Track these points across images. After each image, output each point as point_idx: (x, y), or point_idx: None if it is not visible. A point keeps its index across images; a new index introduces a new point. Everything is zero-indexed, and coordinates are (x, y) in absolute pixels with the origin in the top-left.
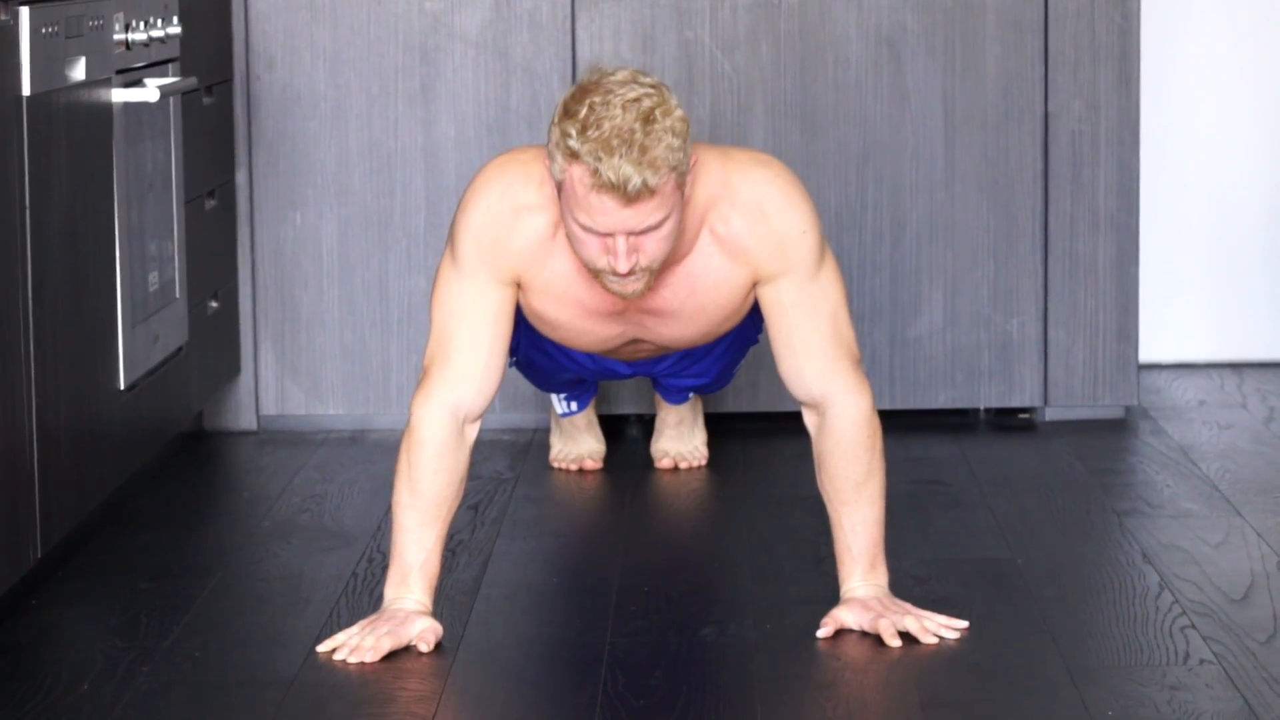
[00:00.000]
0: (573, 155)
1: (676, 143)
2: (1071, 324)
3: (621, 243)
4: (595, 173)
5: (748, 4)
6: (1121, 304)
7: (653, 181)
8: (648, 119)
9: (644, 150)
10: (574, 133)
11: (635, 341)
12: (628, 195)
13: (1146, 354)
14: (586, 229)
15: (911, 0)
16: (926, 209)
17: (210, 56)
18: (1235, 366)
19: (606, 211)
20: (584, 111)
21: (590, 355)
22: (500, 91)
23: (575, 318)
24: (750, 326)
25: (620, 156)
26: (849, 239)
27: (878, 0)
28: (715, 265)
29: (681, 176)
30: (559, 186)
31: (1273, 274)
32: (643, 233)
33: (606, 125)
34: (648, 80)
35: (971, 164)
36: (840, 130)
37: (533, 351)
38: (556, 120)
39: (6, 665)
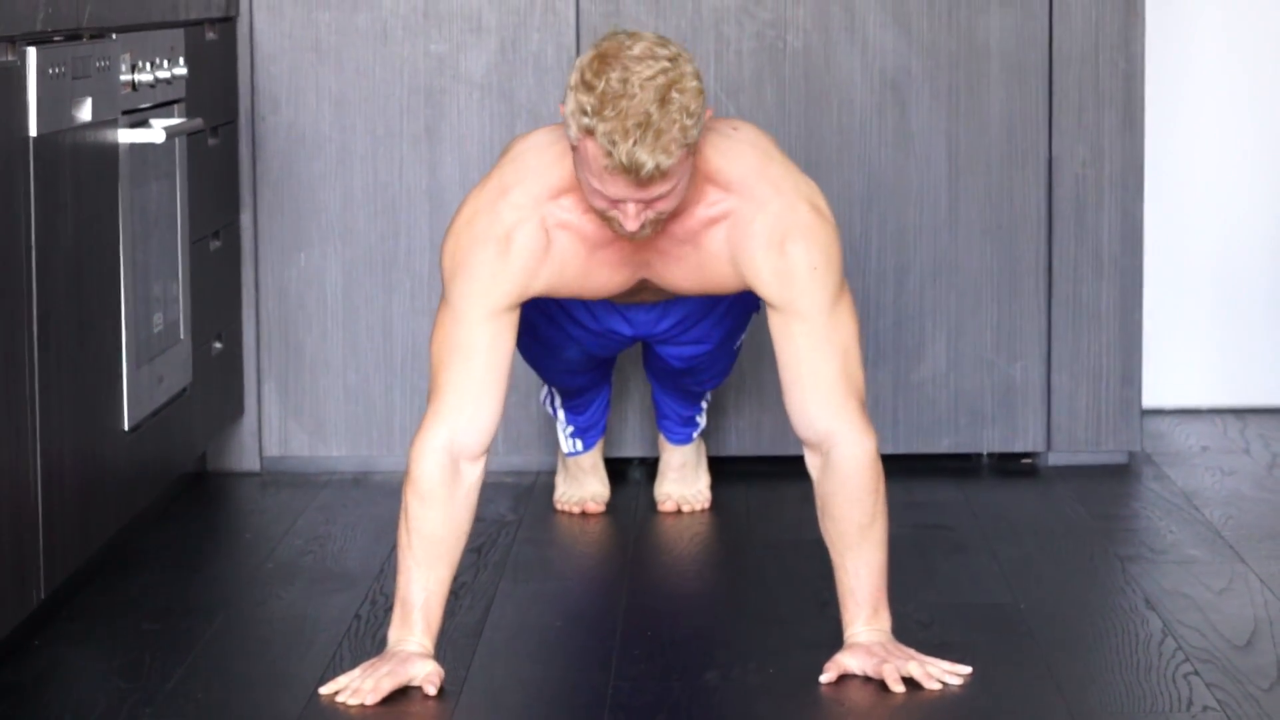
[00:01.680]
0: (588, 131)
1: (690, 121)
2: (1075, 368)
3: (632, 207)
4: (609, 154)
5: (752, 48)
6: (1125, 349)
7: (665, 165)
8: (664, 100)
9: (659, 134)
10: (590, 110)
11: (641, 282)
12: (640, 179)
13: (1150, 399)
14: (598, 192)
15: (916, 44)
16: (930, 252)
17: (216, 98)
18: (1238, 412)
19: (619, 186)
20: (601, 86)
21: (593, 313)
22: (505, 134)
23: (589, 279)
24: (751, 295)
25: (635, 142)
26: (853, 282)
27: (882, 44)
28: (722, 237)
29: (694, 143)
30: (574, 146)
31: (1276, 319)
32: (652, 201)
33: (623, 104)
34: (665, 53)
35: (975, 207)
36: (844, 173)
37: (534, 314)
38: (573, 86)
39: (10, 706)
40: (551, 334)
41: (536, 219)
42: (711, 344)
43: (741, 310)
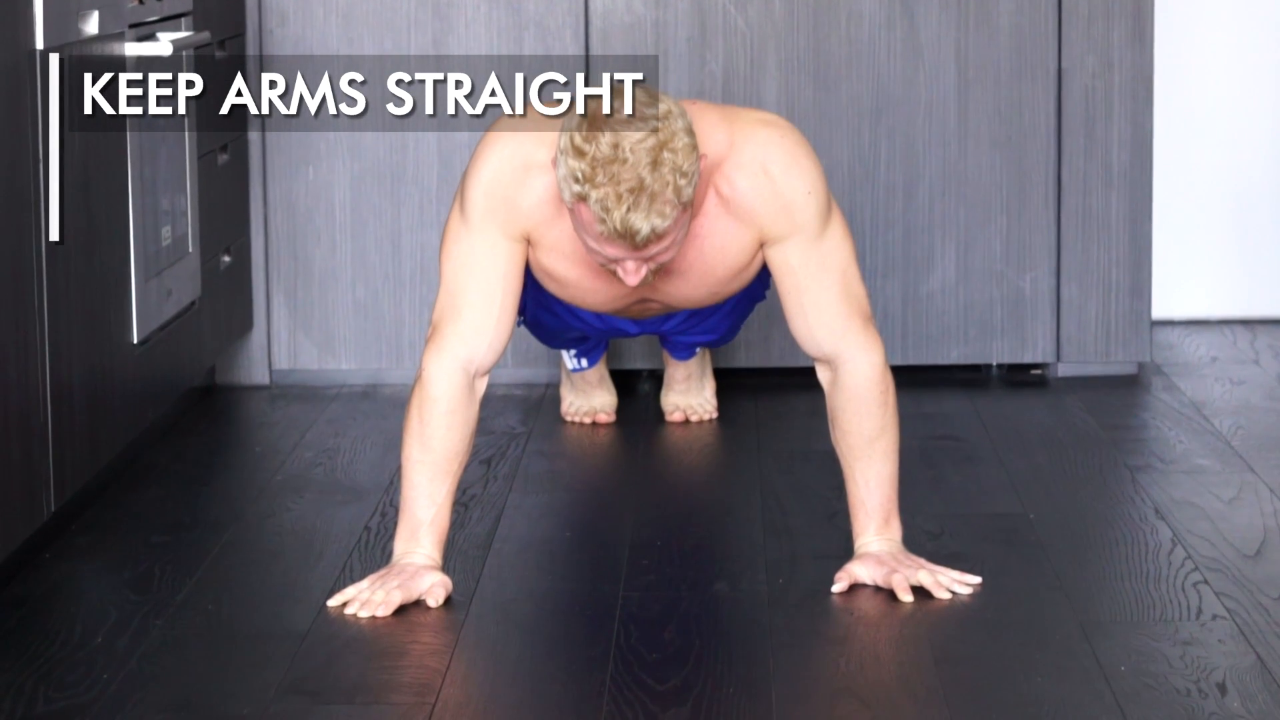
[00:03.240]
0: (581, 198)
1: (684, 181)
2: (1084, 280)
3: (631, 264)
4: (603, 221)
5: None
6: (1134, 260)
7: (661, 227)
8: (655, 163)
9: (652, 198)
10: (581, 176)
11: (643, 300)
12: (636, 244)
13: (1159, 310)
14: (596, 251)
15: None
16: (939, 164)
17: (223, 11)
18: (1248, 323)
19: (616, 249)
20: (592, 152)
21: (598, 314)
22: (513, 47)
23: (584, 276)
24: (758, 284)
25: (629, 208)
26: (861, 194)
27: None
28: (721, 227)
29: (689, 201)
30: (569, 209)
31: None
32: (652, 256)
33: (615, 169)
34: (653, 112)
35: (984, 119)
36: (853, 85)
37: (540, 311)
38: (564, 151)
39: (20, 619)
40: (554, 324)
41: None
42: (719, 334)
43: (748, 302)
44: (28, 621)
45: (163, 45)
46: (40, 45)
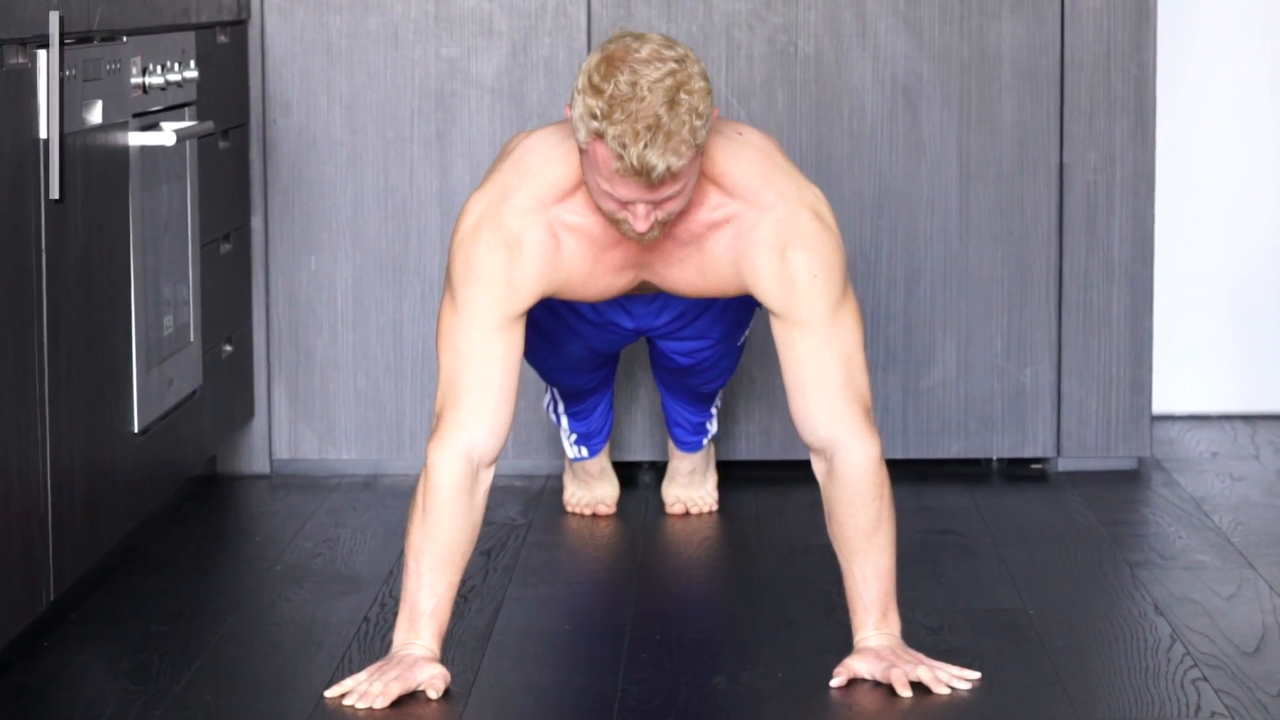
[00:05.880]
0: (598, 135)
1: (699, 122)
2: (1085, 375)
3: (641, 208)
4: (620, 157)
5: (764, 53)
6: (1135, 355)
7: (676, 166)
8: (673, 102)
9: (669, 136)
10: (599, 113)
11: (644, 284)
12: (651, 181)
13: (1160, 405)
14: (608, 194)
15: (927, 50)
16: (941, 259)
17: (227, 101)
18: (1248, 418)
19: (630, 188)
20: (610, 90)
21: (594, 305)
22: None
23: (593, 282)
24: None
25: (646, 145)
26: (863, 288)
27: (894, 50)
28: (727, 244)
29: (702, 144)
30: (582, 150)
31: None
32: (662, 201)
33: (633, 107)
34: (672, 54)
35: (986, 214)
36: (855, 179)
37: (536, 308)
38: (581, 89)
39: (18, 708)
40: (553, 327)
41: (544, 222)
42: (713, 339)
43: (741, 305)
44: (26, 711)
45: (166, 135)
46: (44, 134)
